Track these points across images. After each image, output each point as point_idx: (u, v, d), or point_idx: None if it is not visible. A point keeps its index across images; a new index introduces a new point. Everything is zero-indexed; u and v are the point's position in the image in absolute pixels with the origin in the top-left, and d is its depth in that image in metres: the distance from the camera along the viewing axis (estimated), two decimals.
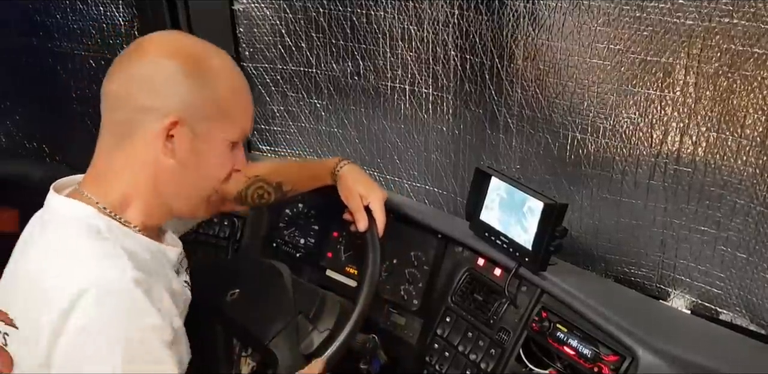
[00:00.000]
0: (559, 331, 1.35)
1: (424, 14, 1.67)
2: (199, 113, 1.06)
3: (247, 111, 1.14)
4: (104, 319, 0.95)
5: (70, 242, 1.03)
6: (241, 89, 1.12)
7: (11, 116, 2.25)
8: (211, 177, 1.13)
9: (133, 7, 1.92)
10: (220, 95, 1.07)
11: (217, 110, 1.07)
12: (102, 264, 1.00)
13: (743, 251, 1.37)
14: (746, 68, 1.26)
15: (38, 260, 1.03)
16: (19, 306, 1.02)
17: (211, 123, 1.07)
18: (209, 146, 1.09)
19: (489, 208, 1.52)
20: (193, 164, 1.09)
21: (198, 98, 1.05)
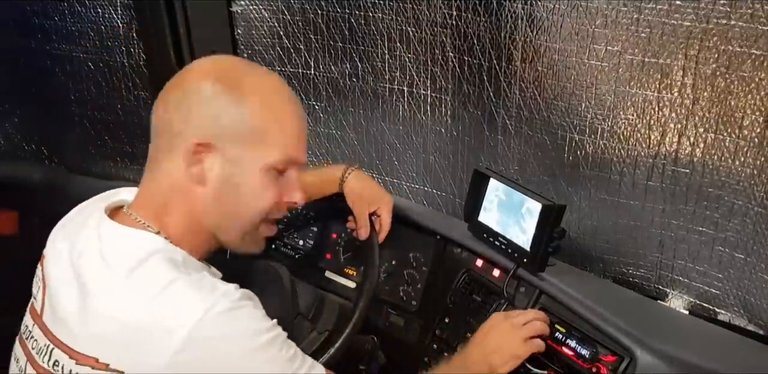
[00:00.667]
0: (558, 332, 1.35)
1: (422, 16, 1.67)
2: (228, 135, 1.01)
3: (288, 133, 1.04)
4: (230, 333, 0.95)
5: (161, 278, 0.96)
6: (280, 110, 1.04)
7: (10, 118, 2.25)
8: (250, 208, 1.05)
9: (131, 10, 1.92)
10: (252, 116, 1.01)
11: (249, 132, 1.01)
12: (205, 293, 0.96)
13: (741, 252, 1.38)
14: (744, 69, 1.26)
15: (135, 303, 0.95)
16: (116, 351, 0.95)
17: (244, 146, 1.01)
18: (242, 171, 1.03)
19: (487, 209, 1.53)
20: (228, 192, 1.04)
21: (227, 120, 1.00)
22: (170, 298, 0.94)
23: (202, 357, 0.93)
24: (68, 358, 0.97)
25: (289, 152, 1.04)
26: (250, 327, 0.97)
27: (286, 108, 1.05)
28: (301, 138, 1.06)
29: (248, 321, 0.97)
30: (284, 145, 1.04)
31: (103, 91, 2.07)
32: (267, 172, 1.03)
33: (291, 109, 1.05)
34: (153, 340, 0.92)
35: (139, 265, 0.97)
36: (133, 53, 1.99)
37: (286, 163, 1.05)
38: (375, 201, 1.54)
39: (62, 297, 1.02)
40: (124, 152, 2.14)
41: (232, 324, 0.95)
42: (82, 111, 2.12)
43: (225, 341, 0.94)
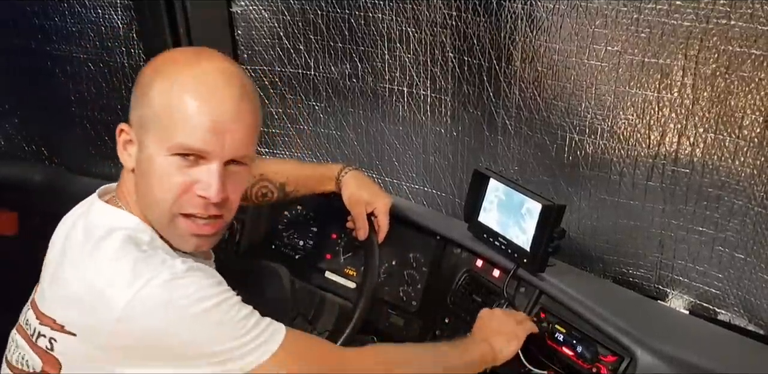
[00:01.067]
0: (558, 332, 1.35)
1: (421, 16, 1.67)
2: (141, 121, 1.04)
3: (190, 123, 1.00)
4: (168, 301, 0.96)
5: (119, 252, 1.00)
6: (186, 98, 1.00)
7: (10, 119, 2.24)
8: (157, 196, 1.04)
9: (131, 10, 1.92)
10: (155, 102, 1.02)
11: (151, 117, 1.02)
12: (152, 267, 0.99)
13: (741, 252, 1.38)
14: (744, 69, 1.26)
15: (82, 269, 1.01)
16: (73, 316, 1.01)
17: (149, 131, 1.03)
18: (150, 158, 1.03)
19: (487, 209, 1.53)
20: (142, 178, 1.05)
21: (139, 106, 1.04)
22: (117, 269, 0.98)
23: (143, 325, 0.96)
24: (35, 318, 1.06)
25: (188, 142, 1.00)
26: (191, 295, 0.97)
27: (194, 97, 1.00)
28: (210, 129, 1.00)
29: (188, 289, 0.97)
30: (184, 134, 1.00)
31: (103, 91, 2.07)
32: (170, 159, 1.02)
33: (202, 98, 1.01)
34: (99, 308, 0.97)
35: (103, 238, 1.02)
36: (133, 54, 1.99)
37: (184, 150, 1.01)
38: (372, 202, 1.53)
39: (48, 266, 1.11)
40: None
41: (172, 292, 0.96)
42: (82, 112, 2.12)
43: (164, 309, 0.96)
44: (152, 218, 1.07)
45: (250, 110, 1.05)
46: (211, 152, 1.01)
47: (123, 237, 1.02)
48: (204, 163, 1.02)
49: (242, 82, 1.05)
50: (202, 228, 1.07)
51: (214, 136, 1.00)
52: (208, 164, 1.02)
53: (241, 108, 1.03)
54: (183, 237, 1.07)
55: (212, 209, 1.05)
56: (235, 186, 1.07)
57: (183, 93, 1.00)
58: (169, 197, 1.03)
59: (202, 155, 1.01)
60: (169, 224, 1.06)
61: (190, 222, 1.06)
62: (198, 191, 1.03)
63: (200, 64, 1.04)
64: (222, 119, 1.01)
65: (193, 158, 1.01)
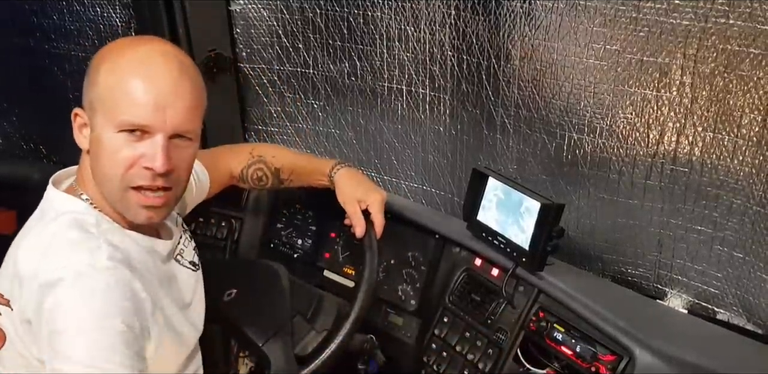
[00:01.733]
0: (557, 331, 1.35)
1: (420, 15, 1.67)
2: (89, 103, 1.11)
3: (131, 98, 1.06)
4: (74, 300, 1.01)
5: (58, 234, 1.09)
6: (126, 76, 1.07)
7: (8, 117, 2.24)
8: (108, 171, 1.10)
9: (130, 9, 1.92)
10: (101, 84, 1.08)
11: (98, 99, 1.09)
12: (78, 254, 1.06)
13: (740, 251, 1.38)
14: (742, 68, 1.26)
15: (27, 249, 1.10)
16: (15, 290, 1.08)
17: (97, 113, 1.09)
18: (99, 136, 1.09)
19: (486, 208, 1.53)
20: (95, 157, 1.12)
21: (88, 89, 1.11)
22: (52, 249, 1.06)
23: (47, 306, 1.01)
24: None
25: (131, 118, 1.06)
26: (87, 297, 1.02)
27: (132, 74, 1.07)
28: (151, 105, 1.06)
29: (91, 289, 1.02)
30: (128, 111, 1.06)
31: None
32: (117, 136, 1.07)
33: (142, 76, 1.07)
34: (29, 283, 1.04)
35: (51, 220, 1.11)
36: None
37: (129, 127, 1.07)
38: (365, 199, 1.53)
39: (8, 252, 1.16)
40: None
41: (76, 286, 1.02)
42: None
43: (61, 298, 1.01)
44: (106, 195, 1.13)
45: (190, 87, 1.11)
46: (154, 126, 1.07)
47: (69, 220, 1.10)
48: (148, 137, 1.08)
49: (180, 61, 1.12)
50: (152, 200, 1.12)
51: (156, 111, 1.07)
52: (152, 138, 1.08)
53: (180, 84, 1.09)
54: (134, 209, 1.13)
55: (159, 180, 1.10)
56: (181, 159, 1.13)
57: (124, 74, 1.07)
58: (118, 171, 1.09)
59: (146, 129, 1.07)
60: (120, 199, 1.12)
61: (140, 194, 1.11)
62: (144, 163, 1.08)
63: (139, 47, 1.11)
64: (162, 95, 1.07)
65: (138, 134, 1.07)
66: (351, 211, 1.53)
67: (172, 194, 1.15)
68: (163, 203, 1.14)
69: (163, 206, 1.15)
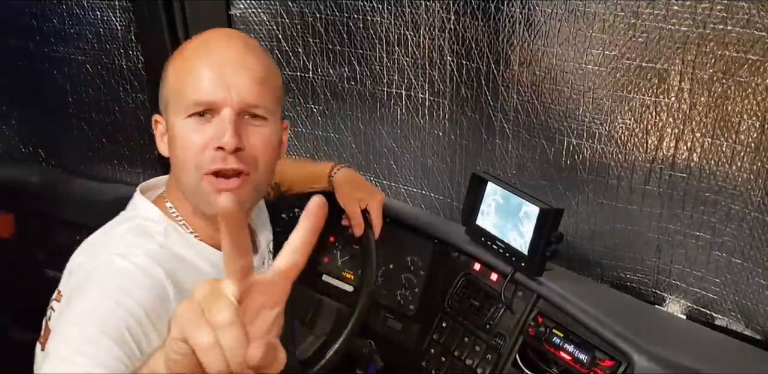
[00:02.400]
0: (555, 336, 1.35)
1: (420, 20, 1.67)
2: (163, 104, 1.09)
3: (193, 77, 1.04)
4: (89, 284, 0.98)
5: (116, 235, 1.07)
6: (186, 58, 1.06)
7: (7, 120, 2.24)
8: (183, 158, 1.05)
9: (129, 12, 1.92)
10: (170, 78, 1.08)
11: (169, 93, 1.07)
12: (119, 251, 1.02)
13: (738, 257, 1.38)
14: (740, 74, 1.26)
15: (84, 244, 1.08)
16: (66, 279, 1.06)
17: (169, 107, 1.07)
18: (171, 127, 1.07)
19: (485, 213, 1.53)
20: (171, 148, 1.08)
21: (161, 93, 1.09)
22: (97, 248, 1.05)
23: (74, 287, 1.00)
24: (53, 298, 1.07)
25: (195, 96, 1.03)
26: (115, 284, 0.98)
27: (196, 56, 1.05)
28: (213, 79, 1.03)
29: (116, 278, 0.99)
30: (192, 91, 1.03)
31: (101, 93, 2.07)
32: (187, 122, 1.04)
33: (205, 55, 1.04)
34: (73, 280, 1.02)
35: (118, 223, 1.10)
36: (132, 56, 1.99)
37: (195, 108, 1.03)
38: (365, 199, 1.54)
39: None
40: (122, 155, 2.14)
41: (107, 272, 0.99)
42: (80, 113, 2.12)
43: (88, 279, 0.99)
44: (185, 192, 1.08)
45: (257, 62, 1.06)
46: (219, 102, 1.02)
47: (135, 225, 1.08)
48: (217, 116, 1.03)
49: (245, 39, 1.08)
50: (224, 184, 1.05)
51: (219, 85, 1.02)
52: (220, 115, 1.03)
53: (245, 58, 1.05)
54: (208, 197, 1.06)
55: (231, 160, 1.03)
56: (256, 141, 1.06)
57: (189, 59, 1.05)
58: (191, 158, 1.04)
59: (213, 107, 1.03)
60: (196, 189, 1.06)
61: (213, 180, 1.05)
62: (214, 144, 1.02)
63: (203, 35, 1.09)
64: (225, 69, 1.03)
65: (207, 116, 1.03)
66: (351, 211, 1.54)
67: (248, 179, 1.07)
68: (238, 187, 1.05)
69: (240, 190, 1.06)
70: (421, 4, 1.65)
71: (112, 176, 2.17)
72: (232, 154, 1.03)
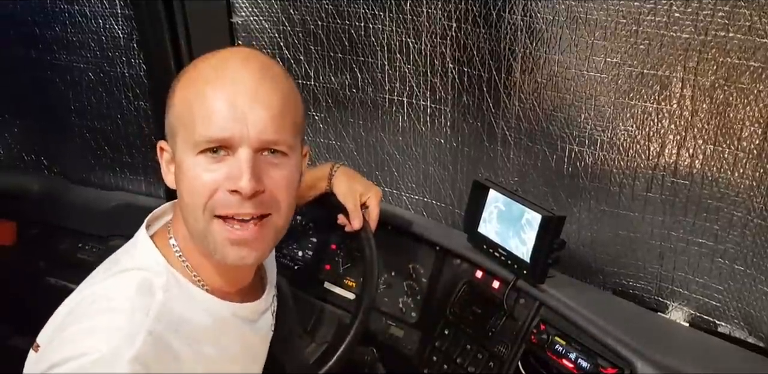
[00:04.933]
0: (558, 344, 1.35)
1: (422, 27, 1.67)
2: (169, 130, 0.98)
3: (205, 112, 0.91)
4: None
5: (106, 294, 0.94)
6: (197, 90, 0.93)
7: (9, 128, 2.25)
8: (191, 199, 0.94)
9: (132, 20, 1.92)
10: (177, 104, 0.96)
11: (176, 119, 0.95)
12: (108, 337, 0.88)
13: (741, 264, 1.37)
14: (742, 81, 1.26)
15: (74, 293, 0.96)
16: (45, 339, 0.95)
17: (177, 136, 0.95)
18: (179, 161, 0.95)
19: (487, 220, 1.52)
20: (179, 184, 0.97)
21: (167, 117, 0.98)
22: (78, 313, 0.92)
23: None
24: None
25: (207, 132, 0.91)
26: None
27: (207, 82, 0.92)
28: (228, 113, 0.90)
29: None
30: (203, 125, 0.91)
31: (104, 101, 2.07)
32: (197, 159, 0.92)
33: (217, 83, 0.92)
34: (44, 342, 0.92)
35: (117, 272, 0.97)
36: (134, 64, 1.99)
37: (207, 144, 0.91)
38: (365, 192, 1.52)
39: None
40: (124, 163, 2.14)
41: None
42: (82, 121, 2.12)
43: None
44: (192, 234, 0.97)
45: (275, 90, 0.94)
46: (235, 139, 0.91)
47: (136, 282, 0.94)
48: (231, 154, 0.92)
49: (263, 62, 0.96)
50: (239, 233, 0.93)
51: (234, 120, 0.90)
52: (236, 154, 0.91)
53: (262, 87, 0.93)
54: (220, 245, 0.94)
55: (248, 206, 0.92)
56: (276, 179, 0.94)
57: (198, 84, 0.93)
58: (200, 200, 0.92)
59: (227, 144, 0.91)
60: (205, 234, 0.94)
61: (226, 226, 0.94)
62: (228, 186, 0.91)
63: (216, 54, 0.97)
64: (239, 100, 0.91)
65: (221, 153, 0.92)
66: (351, 205, 1.50)
67: (268, 223, 0.96)
68: (255, 237, 0.94)
69: (257, 240, 0.95)
70: (422, 11, 1.65)
71: (113, 184, 2.17)
72: (250, 199, 0.92)
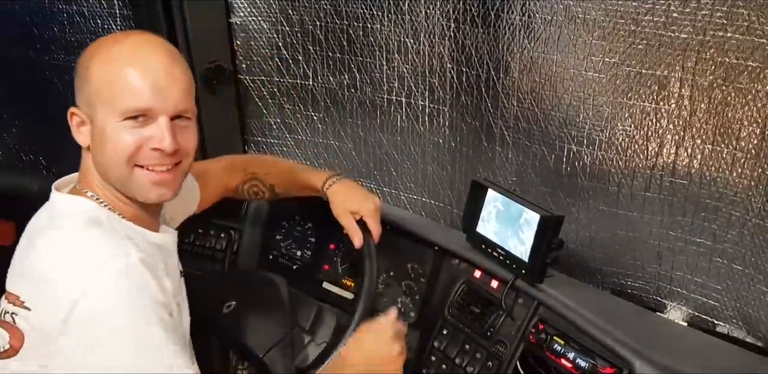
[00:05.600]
0: (556, 343, 1.35)
1: (420, 27, 1.67)
2: (84, 100, 1.15)
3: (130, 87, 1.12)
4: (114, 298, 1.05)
5: (77, 233, 1.12)
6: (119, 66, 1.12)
7: (8, 129, 2.25)
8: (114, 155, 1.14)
9: (130, 20, 1.92)
10: (95, 79, 1.13)
11: (95, 93, 1.13)
12: (109, 250, 1.09)
13: (739, 263, 1.38)
14: (740, 81, 1.26)
15: (48, 251, 1.11)
16: (31, 291, 1.10)
17: (96, 107, 1.13)
18: (101, 126, 1.13)
19: (485, 220, 1.53)
20: (99, 144, 1.15)
21: (82, 88, 1.15)
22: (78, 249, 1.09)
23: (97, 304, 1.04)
24: (4, 298, 1.14)
25: (135, 103, 1.11)
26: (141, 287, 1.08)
27: (127, 64, 1.12)
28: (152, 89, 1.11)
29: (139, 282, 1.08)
30: (131, 98, 1.11)
31: None
32: (122, 124, 1.12)
33: (138, 65, 1.12)
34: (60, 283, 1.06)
35: (65, 220, 1.14)
36: None
37: (133, 112, 1.11)
38: (358, 210, 1.52)
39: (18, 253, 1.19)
40: None
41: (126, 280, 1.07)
42: None
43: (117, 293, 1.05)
44: (113, 182, 1.16)
45: (182, 70, 1.17)
46: (156, 109, 1.12)
47: (84, 219, 1.13)
48: (152, 121, 1.13)
49: (167, 48, 1.18)
50: (162, 175, 1.16)
51: (157, 94, 1.12)
52: (156, 121, 1.13)
53: (174, 69, 1.15)
54: (144, 187, 1.16)
55: (167, 159, 1.15)
56: (185, 138, 1.17)
57: (119, 65, 1.12)
58: (125, 154, 1.12)
59: (149, 113, 1.12)
60: (129, 178, 1.15)
61: (148, 171, 1.15)
62: (151, 145, 1.13)
63: (126, 40, 1.16)
64: (159, 79, 1.12)
65: (141, 119, 1.12)
66: (346, 224, 1.52)
67: (181, 168, 1.19)
68: (173, 178, 1.18)
69: (174, 180, 1.18)
70: (421, 11, 1.65)
71: None
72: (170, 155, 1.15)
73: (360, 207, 1.53)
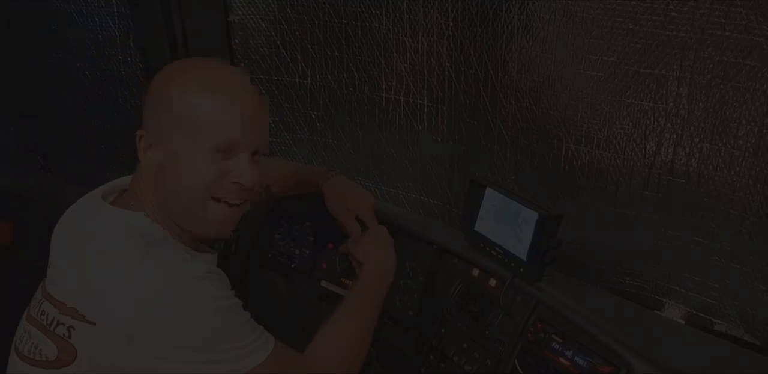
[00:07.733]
0: (555, 342, 1.35)
1: (418, 26, 1.67)
2: (156, 124, 1.16)
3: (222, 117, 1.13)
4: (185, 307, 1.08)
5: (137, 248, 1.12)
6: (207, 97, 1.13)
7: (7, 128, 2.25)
8: (191, 181, 1.15)
9: (128, 19, 1.93)
10: (177, 105, 1.13)
11: (176, 119, 1.14)
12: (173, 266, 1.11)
13: (737, 262, 1.38)
14: (738, 80, 1.27)
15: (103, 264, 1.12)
16: (93, 304, 1.10)
17: (174, 132, 1.14)
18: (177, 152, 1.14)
19: (484, 219, 1.53)
20: (173, 168, 1.16)
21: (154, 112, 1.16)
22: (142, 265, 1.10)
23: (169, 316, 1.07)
24: (53, 308, 1.14)
25: (229, 135, 1.13)
26: (213, 293, 1.12)
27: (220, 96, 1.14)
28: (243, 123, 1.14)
29: (210, 288, 1.12)
30: (224, 129, 1.13)
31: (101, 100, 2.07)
32: (206, 153, 1.14)
33: (231, 96, 1.15)
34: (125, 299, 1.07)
35: (119, 236, 1.14)
36: (131, 62, 1.99)
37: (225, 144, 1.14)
38: (353, 207, 1.56)
39: (60, 258, 1.21)
40: (122, 162, 2.14)
41: (198, 289, 1.10)
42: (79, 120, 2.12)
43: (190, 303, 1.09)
44: (173, 208, 1.18)
45: (265, 108, 1.21)
46: (244, 144, 1.15)
47: (140, 235, 1.14)
48: (235, 154, 1.16)
49: (254, 86, 1.21)
50: (233, 210, 1.20)
51: (246, 129, 1.15)
52: (240, 155, 1.16)
53: (262, 105, 1.19)
54: (208, 222, 1.19)
55: (244, 193, 1.19)
56: (260, 174, 1.20)
57: (208, 95, 1.14)
58: (202, 182, 1.15)
59: (235, 146, 1.15)
60: (197, 210, 1.17)
61: (221, 206, 1.18)
62: (233, 179, 1.16)
63: (212, 69, 1.19)
64: (249, 116, 1.15)
65: (226, 151, 1.14)
66: (343, 220, 1.55)
67: (244, 207, 1.22)
68: (238, 214, 1.22)
69: (237, 217, 1.22)
70: (419, 10, 1.65)
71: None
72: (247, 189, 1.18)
73: (355, 205, 1.54)
